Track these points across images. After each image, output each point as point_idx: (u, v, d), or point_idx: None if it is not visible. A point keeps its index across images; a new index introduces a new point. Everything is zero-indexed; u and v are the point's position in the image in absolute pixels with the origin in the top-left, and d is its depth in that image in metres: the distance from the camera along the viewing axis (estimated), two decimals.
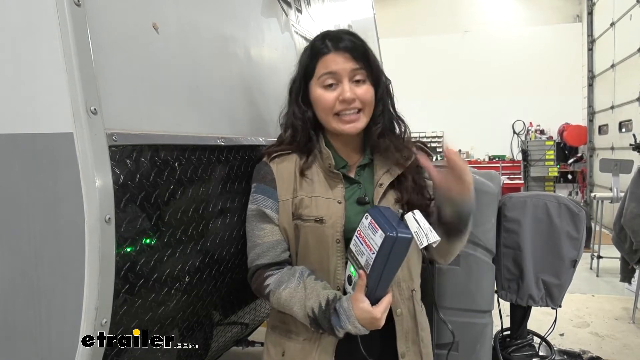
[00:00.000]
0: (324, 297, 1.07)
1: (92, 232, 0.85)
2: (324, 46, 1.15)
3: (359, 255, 1.05)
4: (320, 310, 1.06)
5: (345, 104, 1.13)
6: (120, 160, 0.91)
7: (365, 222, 1.05)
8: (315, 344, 1.15)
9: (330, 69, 1.13)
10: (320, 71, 1.15)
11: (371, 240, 1.01)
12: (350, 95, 1.12)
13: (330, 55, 1.14)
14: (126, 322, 0.96)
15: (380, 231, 0.99)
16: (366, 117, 1.17)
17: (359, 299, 1.03)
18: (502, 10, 9.59)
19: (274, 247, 1.16)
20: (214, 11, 1.31)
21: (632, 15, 6.61)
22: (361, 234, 1.05)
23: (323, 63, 1.14)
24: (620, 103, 7.07)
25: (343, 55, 1.13)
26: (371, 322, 1.04)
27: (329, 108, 1.14)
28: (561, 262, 1.92)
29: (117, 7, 0.97)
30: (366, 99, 1.15)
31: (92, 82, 0.86)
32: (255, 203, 1.17)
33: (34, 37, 0.87)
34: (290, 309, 1.10)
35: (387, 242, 0.97)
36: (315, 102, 1.17)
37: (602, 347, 3.10)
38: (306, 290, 1.09)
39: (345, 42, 1.14)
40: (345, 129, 1.15)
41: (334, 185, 1.17)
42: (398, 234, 0.98)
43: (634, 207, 3.38)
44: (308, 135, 1.18)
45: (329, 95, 1.14)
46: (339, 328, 1.05)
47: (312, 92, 1.17)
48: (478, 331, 1.85)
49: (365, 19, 2.98)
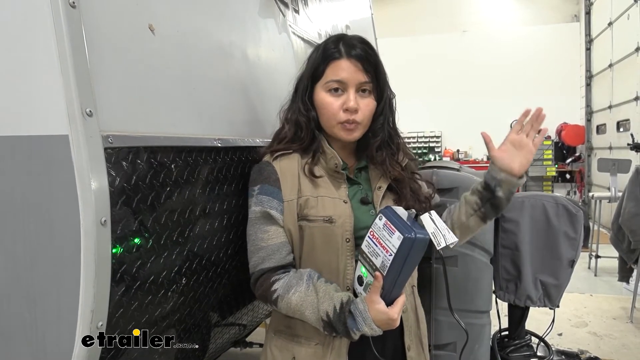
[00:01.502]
0: (338, 300, 1.06)
1: (88, 234, 0.84)
2: (336, 50, 1.15)
3: (374, 257, 1.03)
4: (335, 313, 1.05)
5: (349, 113, 1.14)
6: (116, 162, 0.90)
7: (379, 222, 1.03)
8: (328, 348, 1.14)
9: (339, 76, 1.14)
10: (328, 76, 1.15)
11: (387, 241, 1.00)
12: (354, 104, 1.14)
13: (342, 62, 1.14)
14: (122, 324, 0.95)
15: (397, 232, 0.98)
16: (363, 128, 1.18)
17: (375, 301, 1.03)
18: (500, 10, 9.60)
19: (279, 250, 1.13)
20: (211, 12, 1.31)
21: (629, 15, 6.62)
22: (375, 235, 1.03)
23: (333, 68, 1.15)
24: (618, 102, 7.09)
25: (354, 64, 1.14)
26: (387, 323, 1.04)
27: (332, 115, 1.15)
28: (559, 262, 1.92)
29: (113, 9, 0.96)
30: (366, 113, 1.17)
31: (87, 84, 0.86)
32: (260, 204, 1.14)
33: (29, 39, 0.87)
34: (302, 314, 1.09)
35: (405, 243, 0.96)
36: (319, 106, 1.18)
37: (601, 346, 3.11)
38: (318, 294, 1.07)
39: (358, 50, 1.15)
40: (344, 135, 1.17)
41: (338, 186, 1.17)
42: (417, 235, 0.97)
43: (632, 206, 3.38)
44: (313, 135, 1.19)
45: (334, 103, 1.15)
46: (355, 330, 1.04)
47: (317, 94, 1.18)
48: (476, 331, 1.85)
49: (363, 19, 2.98)
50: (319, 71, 1.17)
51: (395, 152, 1.23)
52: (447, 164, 2.05)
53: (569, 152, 9.08)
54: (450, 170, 1.85)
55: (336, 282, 1.13)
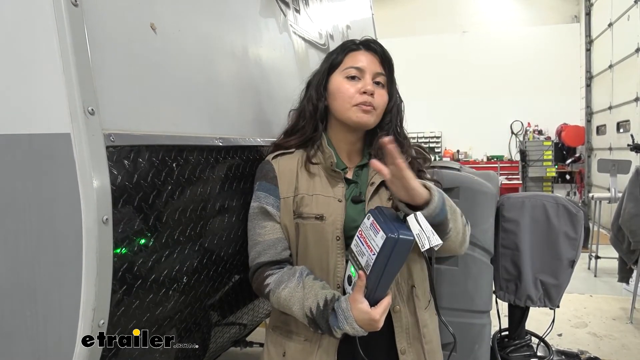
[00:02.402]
0: (322, 297, 1.07)
1: (90, 233, 0.84)
2: (354, 45, 1.24)
3: (360, 256, 1.04)
4: (319, 310, 1.06)
5: (366, 96, 1.17)
6: (118, 161, 0.90)
7: (367, 222, 1.04)
8: (316, 345, 1.15)
9: (357, 64, 1.20)
10: (347, 63, 1.21)
11: (372, 240, 1.00)
12: (371, 88, 1.18)
13: (360, 52, 1.22)
14: (124, 323, 0.95)
15: (381, 232, 0.98)
16: (377, 116, 1.21)
17: (358, 300, 1.02)
18: (500, 11, 9.59)
19: (274, 245, 1.16)
20: (212, 11, 1.31)
21: (629, 16, 6.62)
22: (362, 234, 1.04)
23: (351, 57, 1.22)
24: (618, 103, 7.09)
25: (372, 56, 1.22)
26: (369, 324, 1.03)
27: (348, 98, 1.18)
28: (559, 262, 1.92)
29: (115, 7, 0.96)
30: (379, 102, 1.20)
31: (89, 83, 0.86)
32: (257, 200, 1.19)
33: (31, 38, 0.87)
34: (290, 309, 1.10)
35: (388, 243, 0.97)
36: (335, 92, 1.21)
37: (600, 347, 3.11)
38: (305, 290, 1.09)
39: (376, 46, 1.23)
40: (361, 117, 1.17)
41: (334, 184, 1.18)
42: (400, 235, 0.97)
43: (631, 207, 3.38)
44: (315, 125, 1.21)
45: (351, 87, 1.19)
46: (336, 328, 1.05)
47: (332, 82, 1.22)
48: (476, 331, 1.84)
49: (364, 19, 2.98)
50: (337, 61, 1.23)
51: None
52: (448, 164, 2.05)
53: (569, 153, 9.07)
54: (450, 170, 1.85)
55: (327, 280, 1.13)
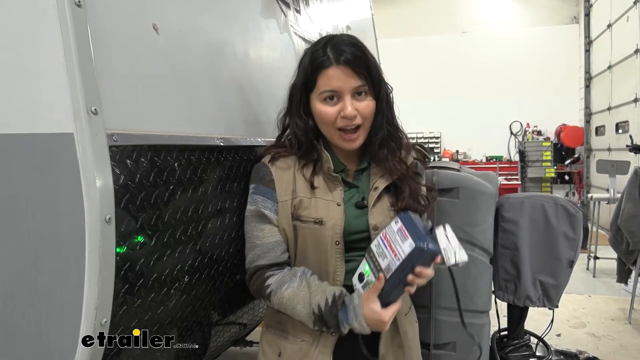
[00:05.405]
0: (330, 293, 1.08)
1: (93, 232, 0.85)
2: (325, 58, 1.11)
3: (380, 257, 1.04)
4: (327, 305, 1.06)
5: (347, 120, 1.12)
6: (121, 161, 0.91)
7: (395, 226, 1.04)
8: (313, 345, 1.15)
9: (332, 86, 1.11)
10: (321, 86, 1.12)
11: (398, 246, 1.00)
12: (351, 111, 1.11)
13: (332, 70, 1.11)
14: (126, 321, 0.96)
15: (410, 239, 0.98)
16: (365, 131, 1.17)
17: (371, 299, 1.03)
18: (500, 11, 9.61)
19: (274, 248, 1.16)
20: (214, 12, 1.32)
21: (629, 17, 6.63)
22: (387, 237, 1.04)
23: (324, 78, 1.12)
24: (617, 104, 7.10)
25: (344, 71, 1.10)
26: (378, 324, 1.04)
27: (330, 123, 1.14)
28: (558, 262, 1.92)
29: (118, 8, 0.97)
30: (366, 114, 1.14)
31: (92, 83, 0.87)
32: (254, 204, 1.17)
33: (35, 38, 0.87)
34: (293, 309, 1.10)
35: (415, 252, 0.97)
36: (316, 116, 1.17)
37: (599, 347, 3.11)
38: (310, 288, 1.09)
39: (347, 54, 1.11)
40: (345, 145, 1.16)
41: (333, 188, 1.17)
42: (428, 246, 0.97)
43: (630, 207, 3.40)
44: (312, 145, 1.18)
45: (331, 111, 1.13)
46: (345, 324, 1.05)
47: (312, 104, 1.16)
48: (475, 331, 1.85)
49: (364, 20, 2.99)
50: (312, 81, 1.14)
51: (397, 149, 1.21)
52: (447, 164, 2.05)
53: (567, 154, 9.09)
54: (450, 171, 1.86)
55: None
